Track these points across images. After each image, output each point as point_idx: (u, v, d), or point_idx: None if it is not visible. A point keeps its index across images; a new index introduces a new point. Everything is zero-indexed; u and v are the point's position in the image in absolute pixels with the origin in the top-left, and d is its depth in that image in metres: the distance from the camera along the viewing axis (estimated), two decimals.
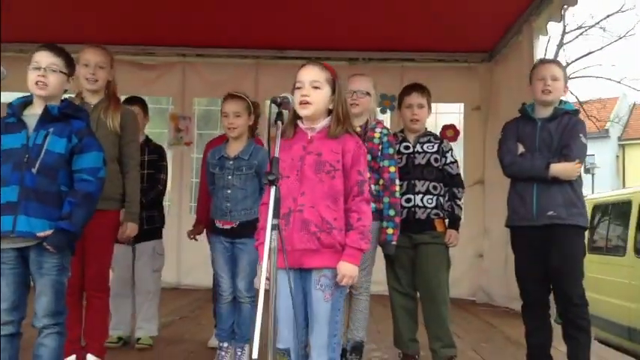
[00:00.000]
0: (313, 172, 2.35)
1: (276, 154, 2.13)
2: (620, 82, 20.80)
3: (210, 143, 4.03)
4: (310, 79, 2.45)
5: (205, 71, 7.02)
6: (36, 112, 2.64)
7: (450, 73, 7.08)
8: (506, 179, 3.58)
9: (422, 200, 3.67)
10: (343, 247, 2.34)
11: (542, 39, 6.23)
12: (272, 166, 2.08)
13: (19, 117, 2.64)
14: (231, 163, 3.46)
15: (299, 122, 2.46)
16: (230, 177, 3.44)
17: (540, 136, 3.42)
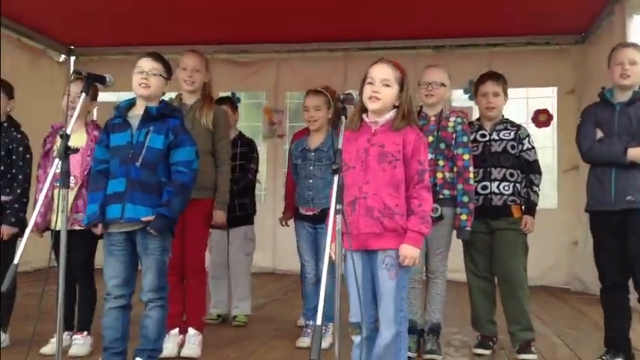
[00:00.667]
0: (377, 162, 2.54)
1: (339, 146, 2.34)
2: None
3: (295, 136, 4.33)
4: (382, 77, 2.60)
5: (297, 66, 7.32)
6: (138, 113, 3.00)
7: (541, 56, 6.95)
8: None
9: (498, 187, 3.75)
10: (405, 230, 2.51)
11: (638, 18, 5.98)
12: (336, 157, 2.30)
13: (125, 118, 3.02)
14: (312, 154, 3.72)
15: (364, 116, 2.65)
16: (311, 167, 3.70)
17: (619, 121, 3.40)
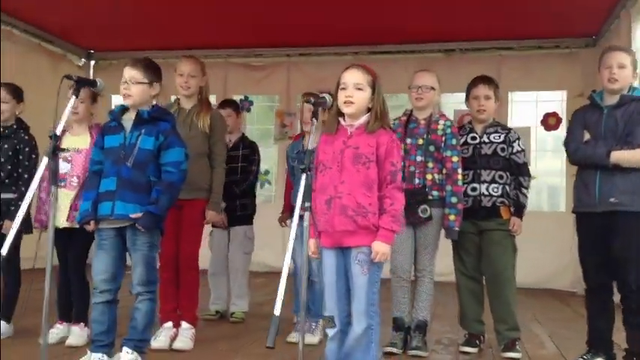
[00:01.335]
0: (351, 163, 2.65)
1: (309, 146, 2.48)
2: None
3: (293, 138, 4.46)
4: (354, 82, 2.71)
5: (308, 69, 7.45)
6: (131, 117, 3.17)
7: (551, 59, 6.98)
8: None
9: (487, 189, 3.83)
10: (377, 228, 2.62)
11: None
12: (305, 157, 2.43)
13: (119, 121, 3.18)
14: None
15: (341, 120, 2.76)
16: None
17: (606, 124, 3.43)
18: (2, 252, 2.45)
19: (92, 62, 7.91)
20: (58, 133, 2.65)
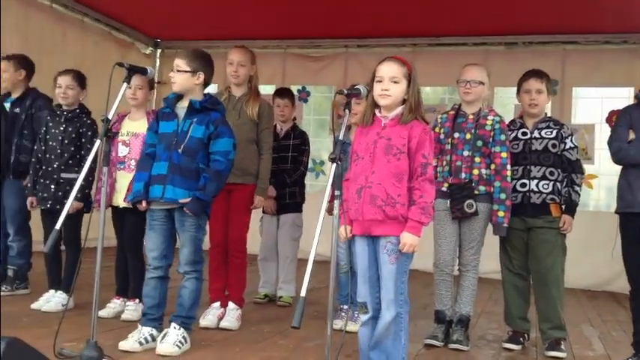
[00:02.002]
0: (383, 154, 2.69)
1: (341, 137, 2.55)
2: None
3: None
4: (390, 75, 2.74)
5: (366, 60, 7.40)
6: (185, 105, 3.32)
7: (618, 55, 6.74)
8: None
9: (537, 185, 3.76)
10: (406, 219, 2.65)
11: None
12: (335, 148, 2.50)
13: (173, 108, 3.34)
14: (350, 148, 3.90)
15: (376, 111, 2.81)
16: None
17: None
18: (56, 226, 2.61)
19: (159, 51, 8.20)
20: (109, 117, 2.81)
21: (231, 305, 3.86)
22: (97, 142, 2.78)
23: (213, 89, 3.56)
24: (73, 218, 3.84)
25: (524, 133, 3.87)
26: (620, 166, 3.50)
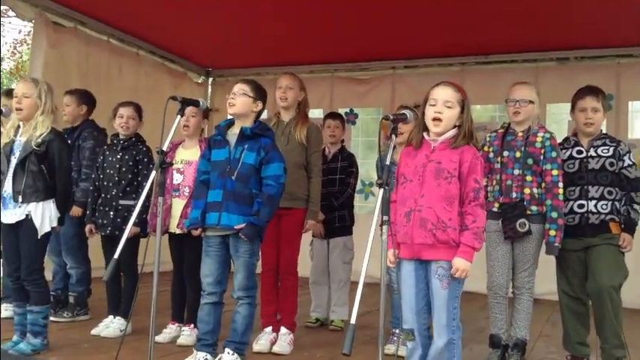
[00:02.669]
0: (433, 177, 2.68)
1: (387, 162, 2.56)
2: None
3: None
4: (444, 99, 2.74)
5: (413, 81, 7.41)
6: (236, 132, 3.41)
7: None
8: None
9: (595, 206, 3.64)
10: (457, 243, 2.63)
11: None
12: (383, 173, 2.51)
13: (224, 136, 3.43)
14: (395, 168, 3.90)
15: (425, 134, 2.81)
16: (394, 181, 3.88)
17: None
18: (115, 256, 2.71)
19: (210, 79, 8.41)
20: (164, 149, 2.91)
21: (283, 330, 3.89)
22: (153, 172, 2.88)
23: (263, 115, 3.64)
24: (130, 245, 3.95)
25: (579, 152, 3.76)
26: None
